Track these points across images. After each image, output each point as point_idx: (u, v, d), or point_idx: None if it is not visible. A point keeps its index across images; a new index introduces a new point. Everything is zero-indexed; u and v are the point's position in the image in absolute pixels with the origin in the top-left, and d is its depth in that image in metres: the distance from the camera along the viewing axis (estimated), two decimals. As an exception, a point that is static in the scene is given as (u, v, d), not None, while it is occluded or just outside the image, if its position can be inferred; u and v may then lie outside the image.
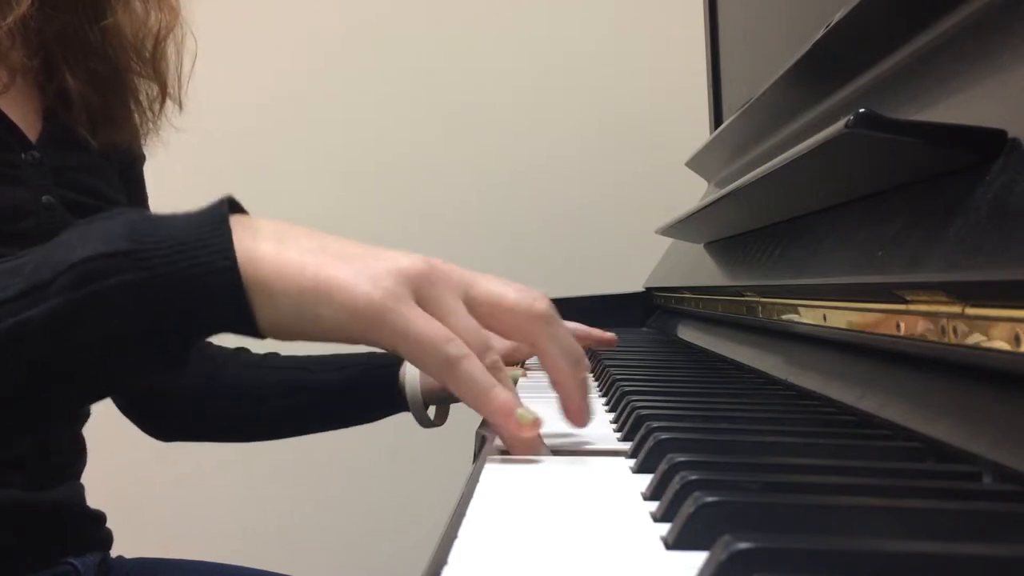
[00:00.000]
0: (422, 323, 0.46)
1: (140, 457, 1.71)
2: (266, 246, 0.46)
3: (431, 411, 0.89)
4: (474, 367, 0.47)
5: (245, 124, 1.80)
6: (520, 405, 0.48)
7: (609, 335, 0.95)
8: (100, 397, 0.54)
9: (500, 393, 0.48)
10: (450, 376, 0.47)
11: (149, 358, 0.48)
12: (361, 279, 0.46)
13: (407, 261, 0.48)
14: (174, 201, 0.95)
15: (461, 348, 0.47)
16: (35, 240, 0.71)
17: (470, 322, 0.49)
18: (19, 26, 0.70)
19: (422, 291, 0.48)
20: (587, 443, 0.54)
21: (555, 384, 0.52)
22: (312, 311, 0.46)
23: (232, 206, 0.49)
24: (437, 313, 0.48)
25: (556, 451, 0.51)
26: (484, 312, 0.50)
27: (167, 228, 0.46)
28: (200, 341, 0.49)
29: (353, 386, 0.87)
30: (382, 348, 0.49)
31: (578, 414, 0.52)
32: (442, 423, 0.90)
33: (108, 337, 0.46)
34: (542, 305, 0.51)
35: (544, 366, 0.52)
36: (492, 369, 0.49)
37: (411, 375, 0.86)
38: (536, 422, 0.48)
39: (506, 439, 0.50)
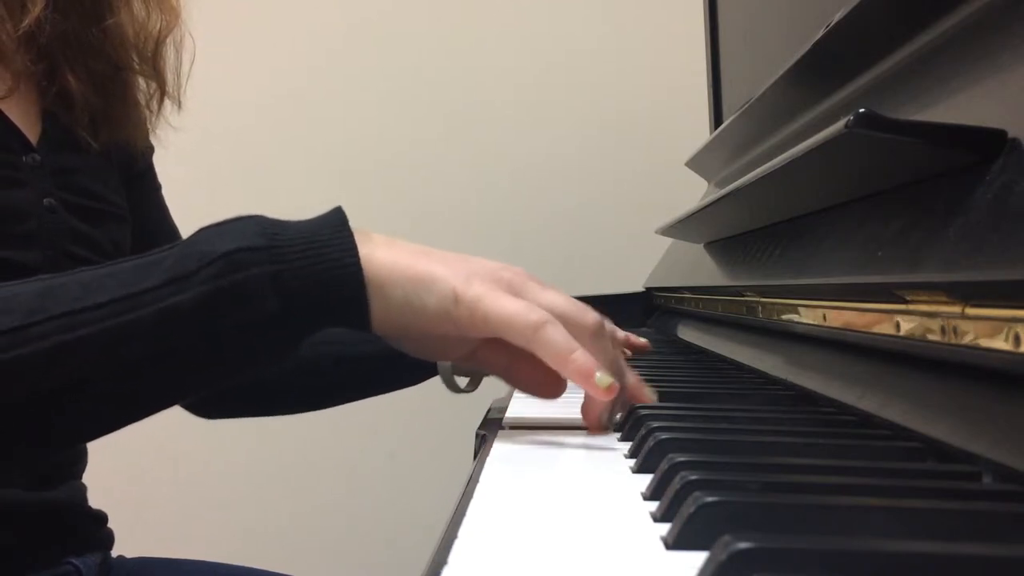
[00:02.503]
0: (509, 300, 0.52)
1: (142, 457, 1.71)
2: (380, 251, 0.52)
3: (461, 381, 0.89)
4: (556, 331, 0.52)
5: (244, 122, 1.80)
6: (599, 368, 0.52)
7: (642, 341, 0.95)
8: (211, 388, 0.55)
9: (580, 356, 0.52)
10: (534, 342, 0.52)
11: (271, 346, 0.51)
12: (460, 275, 0.53)
13: (497, 265, 0.55)
14: (174, 199, 0.95)
15: (543, 315, 0.52)
16: (37, 242, 0.71)
17: (560, 297, 0.55)
18: (32, 29, 0.70)
19: (511, 286, 0.54)
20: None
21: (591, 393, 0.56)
22: (420, 300, 0.52)
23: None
24: (526, 298, 0.54)
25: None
26: None
27: (294, 229, 0.51)
28: (316, 333, 0.52)
29: (387, 354, 0.88)
30: (476, 333, 0.54)
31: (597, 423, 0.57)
32: (473, 389, 0.90)
33: (243, 324, 0.49)
34: (592, 319, 0.55)
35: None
36: (597, 327, 0.54)
37: None
38: (612, 387, 0.52)
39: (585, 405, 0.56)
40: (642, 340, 0.97)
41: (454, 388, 0.88)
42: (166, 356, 0.49)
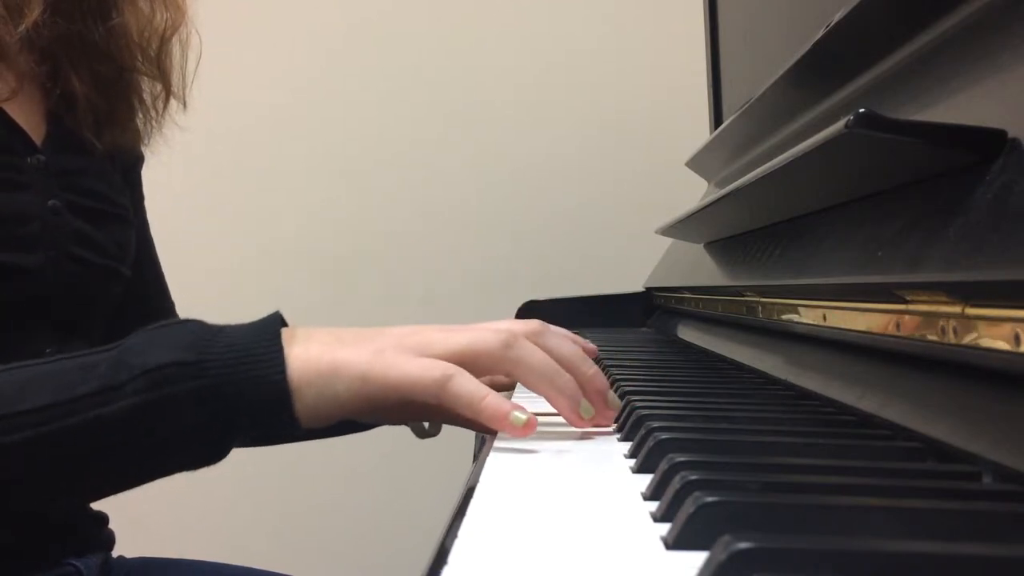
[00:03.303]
0: (411, 363, 0.52)
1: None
2: (296, 349, 0.52)
3: (426, 423, 0.88)
4: (462, 383, 0.52)
5: (245, 122, 1.80)
6: (513, 409, 0.52)
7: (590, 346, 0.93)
8: (142, 483, 0.57)
9: (491, 401, 0.52)
10: (443, 398, 0.52)
11: (200, 453, 0.53)
12: (362, 354, 0.53)
13: (404, 331, 0.55)
14: (175, 198, 0.95)
15: (445, 369, 0.52)
16: (40, 245, 0.71)
17: (461, 336, 0.54)
18: (30, 32, 0.70)
19: (419, 350, 0.54)
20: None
21: (547, 399, 0.57)
22: (331, 391, 0.52)
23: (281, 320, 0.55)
24: (431, 353, 0.54)
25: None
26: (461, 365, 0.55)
27: (226, 340, 0.52)
28: (245, 439, 0.53)
29: None
30: (394, 406, 0.53)
31: (570, 418, 0.56)
32: (437, 432, 0.90)
33: (169, 435, 0.50)
34: (495, 339, 0.55)
35: (527, 387, 0.56)
36: (510, 337, 0.54)
37: None
38: (530, 422, 0.52)
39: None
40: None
41: (422, 434, 0.89)
42: (94, 462, 0.51)
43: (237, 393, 0.50)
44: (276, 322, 0.54)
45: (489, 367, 0.55)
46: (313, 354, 0.52)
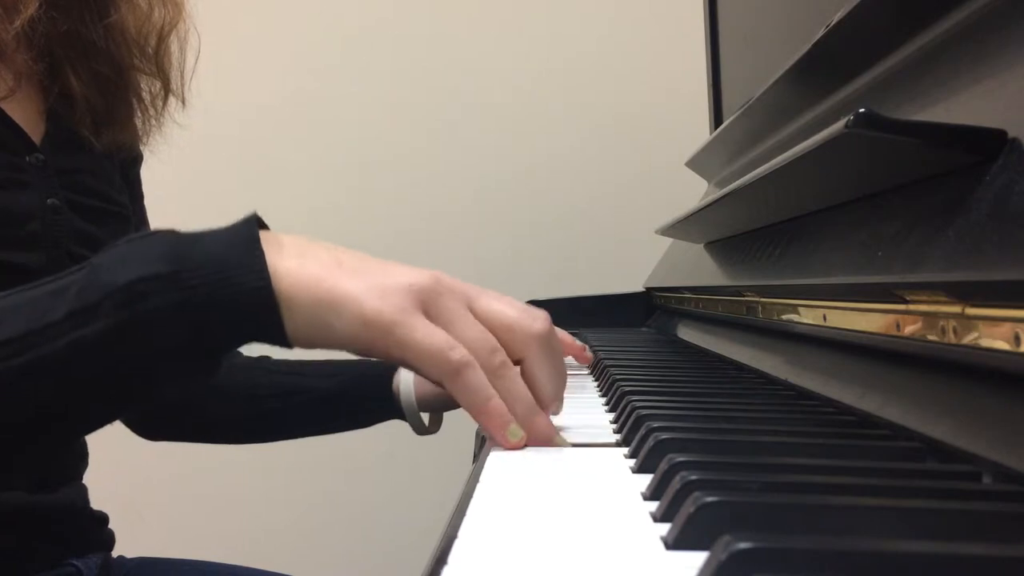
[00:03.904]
0: (427, 332, 0.50)
1: (142, 457, 1.72)
2: (289, 262, 0.49)
3: (425, 418, 0.88)
4: (475, 377, 0.50)
5: (247, 122, 1.80)
6: (512, 420, 0.51)
7: (586, 356, 0.94)
8: (134, 410, 0.55)
9: (496, 406, 0.51)
10: (452, 383, 0.50)
11: (187, 370, 0.50)
12: (371, 293, 0.49)
13: (415, 276, 0.51)
14: (176, 198, 0.95)
15: (464, 356, 0.50)
16: (41, 244, 0.71)
17: (475, 329, 0.52)
18: (26, 29, 0.70)
19: (428, 303, 0.51)
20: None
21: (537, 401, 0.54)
22: (325, 321, 0.49)
23: (258, 222, 0.52)
24: (442, 322, 0.51)
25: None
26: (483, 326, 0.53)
27: (202, 248, 0.49)
28: (233, 351, 0.51)
29: (345, 391, 0.88)
30: (390, 359, 0.51)
31: (544, 433, 0.53)
32: (436, 430, 0.90)
33: (152, 353, 0.48)
34: (540, 325, 0.53)
35: (528, 382, 0.54)
36: (501, 367, 0.51)
37: (406, 383, 0.86)
38: (522, 440, 0.51)
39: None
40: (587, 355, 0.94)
41: (420, 430, 0.88)
42: (74, 389, 0.49)
43: (218, 303, 0.47)
44: (253, 225, 0.50)
45: (509, 343, 0.53)
46: (311, 275, 0.49)
